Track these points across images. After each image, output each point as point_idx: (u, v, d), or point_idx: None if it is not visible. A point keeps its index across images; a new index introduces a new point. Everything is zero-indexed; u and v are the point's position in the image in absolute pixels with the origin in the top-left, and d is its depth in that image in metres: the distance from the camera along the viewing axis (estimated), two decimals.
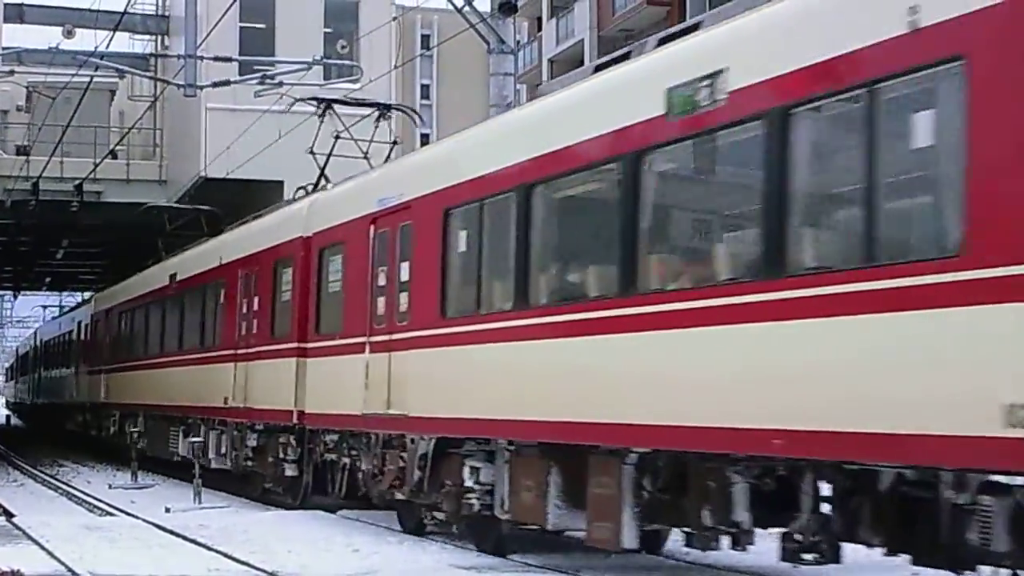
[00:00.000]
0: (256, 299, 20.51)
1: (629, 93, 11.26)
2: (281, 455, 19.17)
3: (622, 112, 11.08)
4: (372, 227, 16.01)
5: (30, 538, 15.21)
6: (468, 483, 13.52)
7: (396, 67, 29.29)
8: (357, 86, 27.76)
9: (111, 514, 19.78)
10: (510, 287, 12.78)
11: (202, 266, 24.47)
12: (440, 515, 14.57)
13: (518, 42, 20.45)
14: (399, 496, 15.31)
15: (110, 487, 25.07)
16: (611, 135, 11.19)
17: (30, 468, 31.55)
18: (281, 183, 29.07)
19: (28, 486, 26.79)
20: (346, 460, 16.90)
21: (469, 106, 46.14)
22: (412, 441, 14.75)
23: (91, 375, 36.42)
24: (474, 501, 13.44)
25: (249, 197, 29.92)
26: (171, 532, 16.21)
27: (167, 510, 19.43)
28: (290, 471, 19.00)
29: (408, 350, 14.79)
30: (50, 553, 13.83)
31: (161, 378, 27.18)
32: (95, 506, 21.42)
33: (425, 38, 63.81)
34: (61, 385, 44.42)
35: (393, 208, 15.50)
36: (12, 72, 31.53)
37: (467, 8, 19.36)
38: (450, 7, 19.87)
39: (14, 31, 33.91)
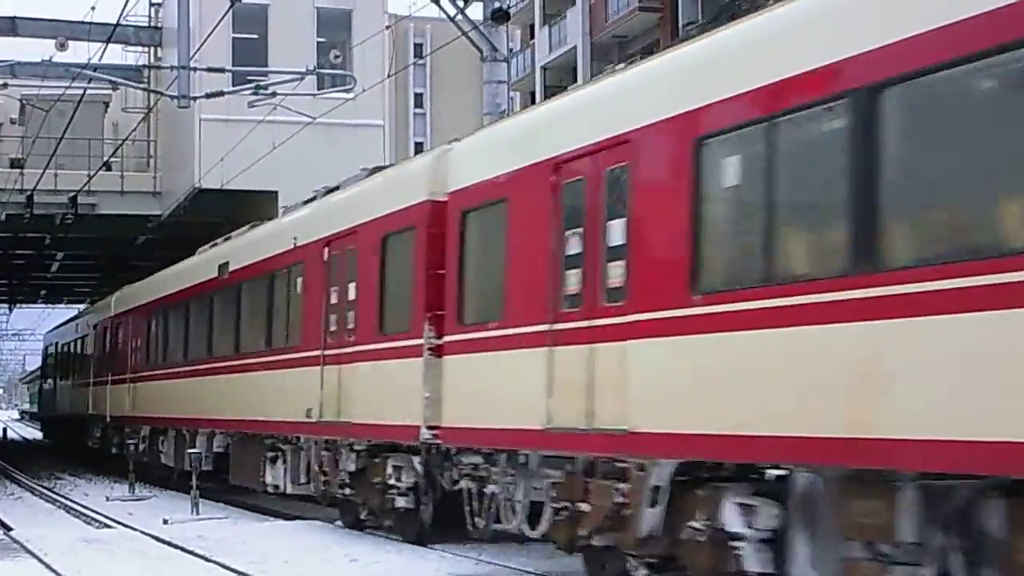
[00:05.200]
0: (354, 286, 16.09)
1: None
2: (391, 481, 15.30)
3: None
4: (556, 176, 11.69)
5: (28, 551, 15.19)
6: (735, 528, 9.47)
7: (389, 76, 29.27)
8: (351, 95, 27.81)
9: (109, 526, 19.76)
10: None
11: (268, 251, 19.98)
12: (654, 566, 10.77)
13: (511, 50, 20.46)
14: (602, 542, 11.21)
15: (108, 499, 25.05)
16: None
17: (27, 481, 31.50)
18: (275, 193, 29.13)
19: (26, 499, 26.75)
20: (499, 489, 12.78)
21: (463, 114, 46.14)
22: (641, 467, 10.47)
23: (112, 385, 32.18)
24: (750, 554, 9.43)
25: (243, 208, 29.97)
26: (169, 544, 16.18)
27: (165, 522, 19.41)
28: (404, 502, 15.20)
29: (628, 340, 10.40)
30: (48, 566, 13.82)
31: (209, 387, 22.73)
32: (93, 518, 21.40)
33: (418, 47, 63.80)
34: (73, 397, 40.59)
35: (600, 145, 11.02)
36: (5, 85, 31.48)
37: (460, 17, 19.36)
38: (443, 16, 19.88)
39: (7, 44, 33.97)
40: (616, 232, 10.74)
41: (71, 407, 41.35)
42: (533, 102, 49.78)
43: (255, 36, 32.24)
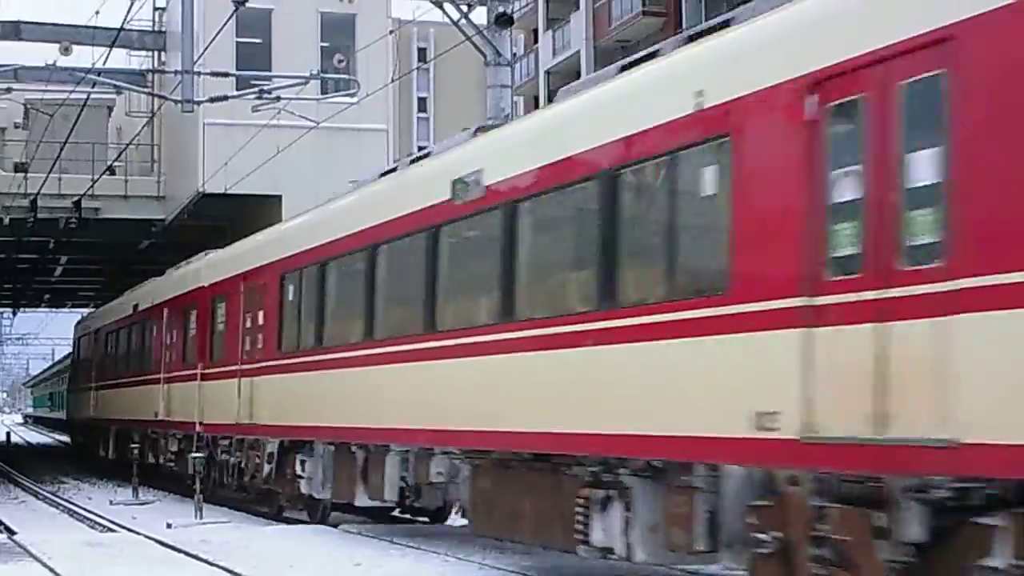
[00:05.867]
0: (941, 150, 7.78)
1: None
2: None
3: None
4: None
5: (32, 555, 15.20)
6: None
7: (393, 80, 29.31)
8: (354, 100, 27.84)
9: (112, 530, 19.77)
10: None
11: (599, 136, 11.26)
12: None
13: (514, 54, 20.42)
14: None
15: (111, 503, 25.05)
16: None
17: (31, 485, 31.50)
18: (279, 198, 29.17)
19: (30, 503, 26.76)
20: None
21: (466, 118, 46.26)
22: None
23: (206, 381, 23.44)
24: None
25: (247, 212, 29.98)
26: (173, 548, 16.19)
27: (169, 526, 19.39)
28: None
29: None
30: (52, 570, 13.83)
31: (427, 380, 14.22)
32: (96, 522, 21.40)
33: (422, 51, 63.93)
34: (129, 398, 31.35)
35: None
36: (9, 89, 31.54)
37: (463, 21, 19.39)
38: (446, 20, 19.90)
39: (11, 48, 34.15)
40: None
41: (127, 412, 31.82)
42: (537, 107, 49.79)
43: (259, 41, 32.24)
